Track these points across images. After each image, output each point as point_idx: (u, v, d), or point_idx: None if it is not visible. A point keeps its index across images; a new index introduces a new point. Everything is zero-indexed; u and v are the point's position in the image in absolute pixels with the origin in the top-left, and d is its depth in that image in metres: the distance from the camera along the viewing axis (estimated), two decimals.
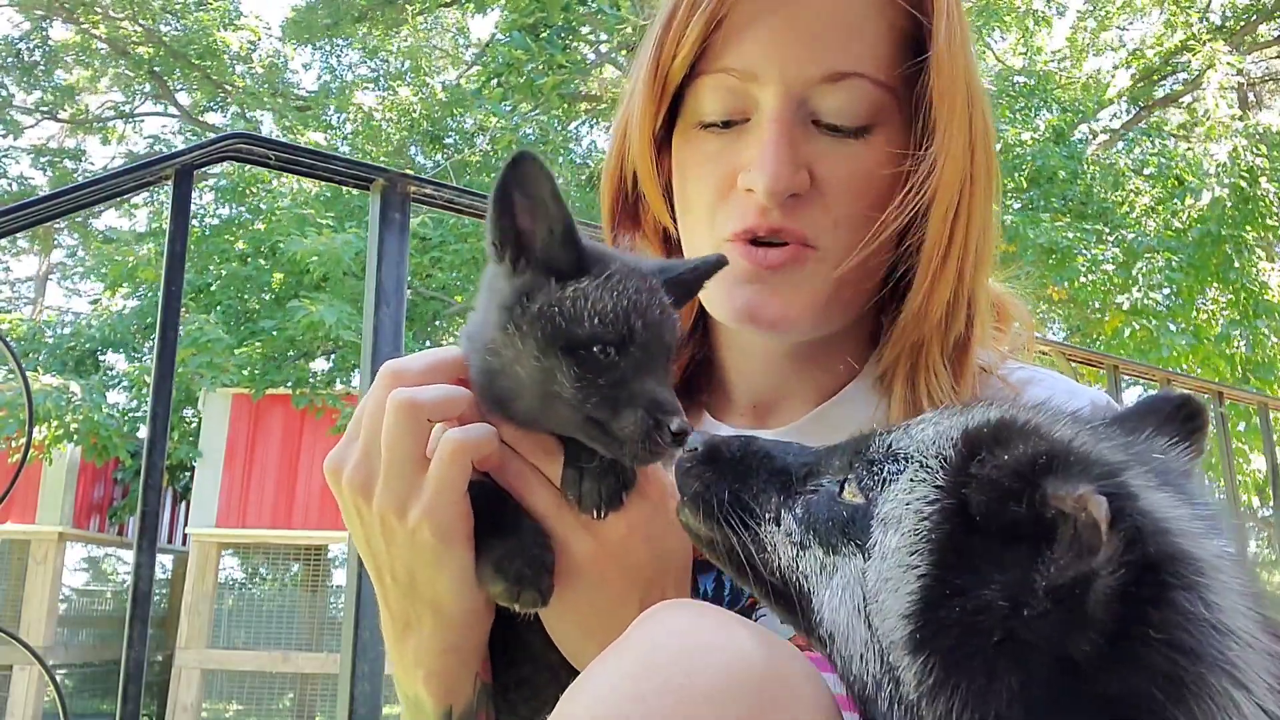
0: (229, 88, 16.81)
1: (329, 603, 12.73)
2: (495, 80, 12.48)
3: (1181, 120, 14.03)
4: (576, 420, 0.78)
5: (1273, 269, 11.45)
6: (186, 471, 12.29)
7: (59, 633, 12.18)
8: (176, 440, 12.15)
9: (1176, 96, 14.66)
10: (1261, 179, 10.82)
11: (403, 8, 15.89)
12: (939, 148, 0.92)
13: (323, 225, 11.35)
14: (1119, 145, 13.34)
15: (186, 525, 12.76)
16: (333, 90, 16.42)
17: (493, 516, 0.81)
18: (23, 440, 9.43)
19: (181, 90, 17.56)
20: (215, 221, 13.04)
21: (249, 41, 16.47)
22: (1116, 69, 14.52)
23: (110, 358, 13.96)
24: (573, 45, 12.97)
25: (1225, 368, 10.67)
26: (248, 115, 15.39)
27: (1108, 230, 11.67)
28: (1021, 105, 12.71)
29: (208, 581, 11.17)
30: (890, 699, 0.54)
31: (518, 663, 0.91)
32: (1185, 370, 10.97)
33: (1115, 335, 11.06)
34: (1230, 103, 11.77)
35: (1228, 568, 0.52)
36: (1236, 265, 10.74)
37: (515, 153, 0.78)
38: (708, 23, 0.88)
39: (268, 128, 15.38)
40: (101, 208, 16.05)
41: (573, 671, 0.81)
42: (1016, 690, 0.49)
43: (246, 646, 11.65)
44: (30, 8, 15.84)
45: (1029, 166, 11.69)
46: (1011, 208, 11.92)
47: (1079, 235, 11.17)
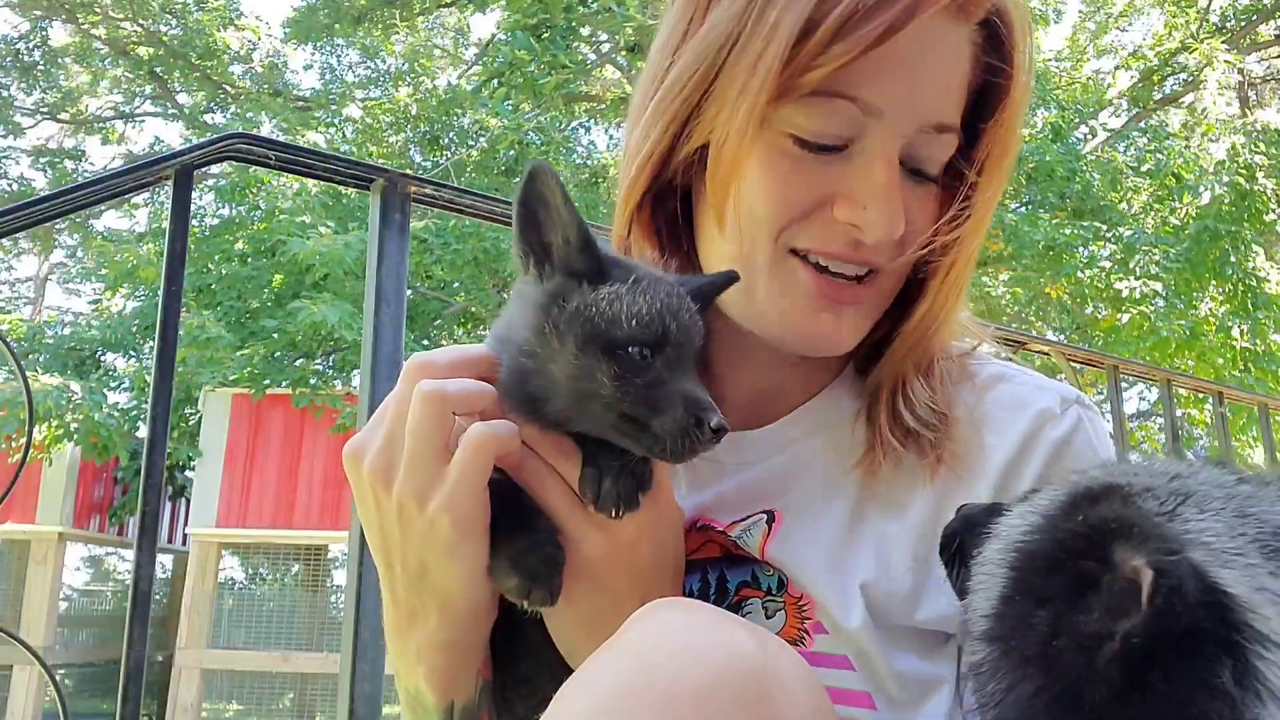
0: (229, 88, 16.81)
1: (329, 603, 12.73)
2: (496, 80, 12.47)
3: (1183, 121, 14.03)
4: (610, 419, 0.80)
5: (1272, 266, 11.46)
6: (187, 471, 12.29)
7: (59, 633, 12.17)
8: (176, 440, 12.15)
9: (1176, 97, 14.67)
10: (1259, 174, 10.83)
11: (403, 7, 15.90)
12: (990, 189, 0.95)
13: (323, 226, 11.36)
14: (1119, 145, 13.34)
15: (186, 525, 12.76)
16: (333, 91, 16.43)
17: (508, 513, 0.82)
18: (23, 440, 9.44)
19: (182, 91, 17.56)
20: (215, 221, 13.04)
21: (249, 41, 16.48)
22: (1117, 69, 14.52)
23: (110, 358, 13.96)
24: (574, 45, 12.97)
25: (1223, 361, 10.66)
26: (248, 115, 15.38)
27: (1105, 228, 11.68)
28: None
29: (208, 581, 11.17)
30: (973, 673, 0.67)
31: (517, 660, 0.92)
32: (1183, 367, 10.98)
33: (1112, 328, 11.08)
34: (1229, 101, 11.78)
35: None
36: (1233, 260, 10.75)
37: (529, 166, 0.80)
38: (864, 50, 0.84)
39: (268, 128, 15.36)
40: (102, 208, 16.05)
41: (571, 670, 0.82)
42: (1033, 695, 0.59)
43: (246, 646, 11.65)
44: (30, 8, 15.84)
45: (1028, 164, 11.70)
46: (1010, 206, 11.94)
47: (1076, 232, 11.19)
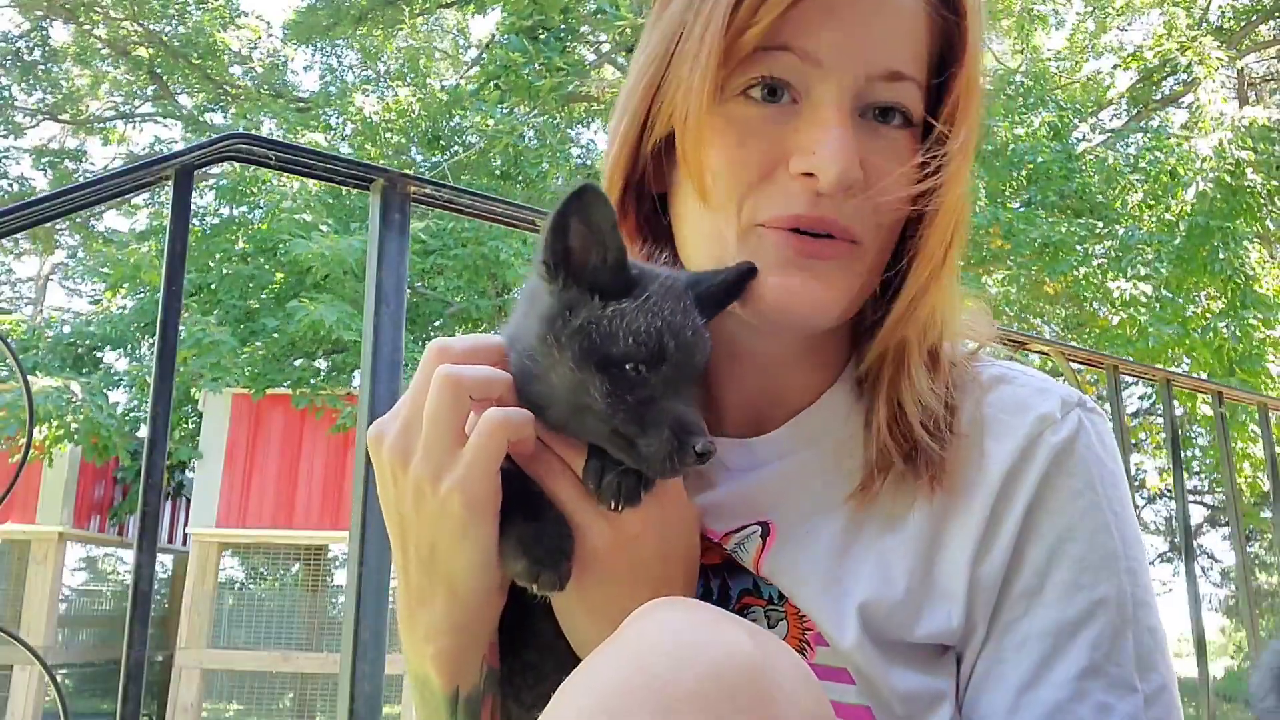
0: (229, 88, 16.81)
1: (329, 603, 12.73)
2: (493, 83, 12.47)
3: (1184, 120, 14.04)
4: (604, 431, 0.81)
5: (1268, 262, 11.46)
6: (187, 471, 12.29)
7: (59, 633, 12.17)
8: (177, 440, 12.15)
9: (1176, 97, 14.67)
10: (1248, 170, 10.81)
11: (403, 8, 15.89)
12: (959, 151, 0.92)
13: (323, 225, 11.36)
14: (1117, 144, 13.34)
15: (186, 525, 12.76)
16: (333, 91, 16.42)
17: (517, 501, 0.84)
18: (23, 440, 9.43)
19: (182, 92, 17.56)
20: (215, 221, 13.04)
21: (249, 41, 16.48)
22: (1116, 69, 14.53)
23: (110, 358, 13.96)
24: (571, 46, 12.96)
25: (1210, 358, 10.63)
26: (248, 116, 15.39)
27: (1102, 225, 11.68)
28: (1019, 105, 12.71)
29: (208, 581, 11.17)
30: None
31: (524, 648, 0.92)
32: (1176, 363, 10.98)
33: (1105, 330, 11.09)
34: (1225, 99, 11.78)
35: None
36: (1222, 257, 10.73)
37: (580, 183, 0.81)
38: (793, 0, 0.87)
39: (268, 128, 15.37)
40: (102, 208, 16.05)
41: (578, 661, 0.82)
42: None
43: (246, 646, 11.65)
44: (31, 8, 15.84)
45: (1026, 165, 11.70)
46: (1010, 205, 11.94)
47: (1073, 229, 11.20)
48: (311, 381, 11.45)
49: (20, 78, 16.88)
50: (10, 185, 16.60)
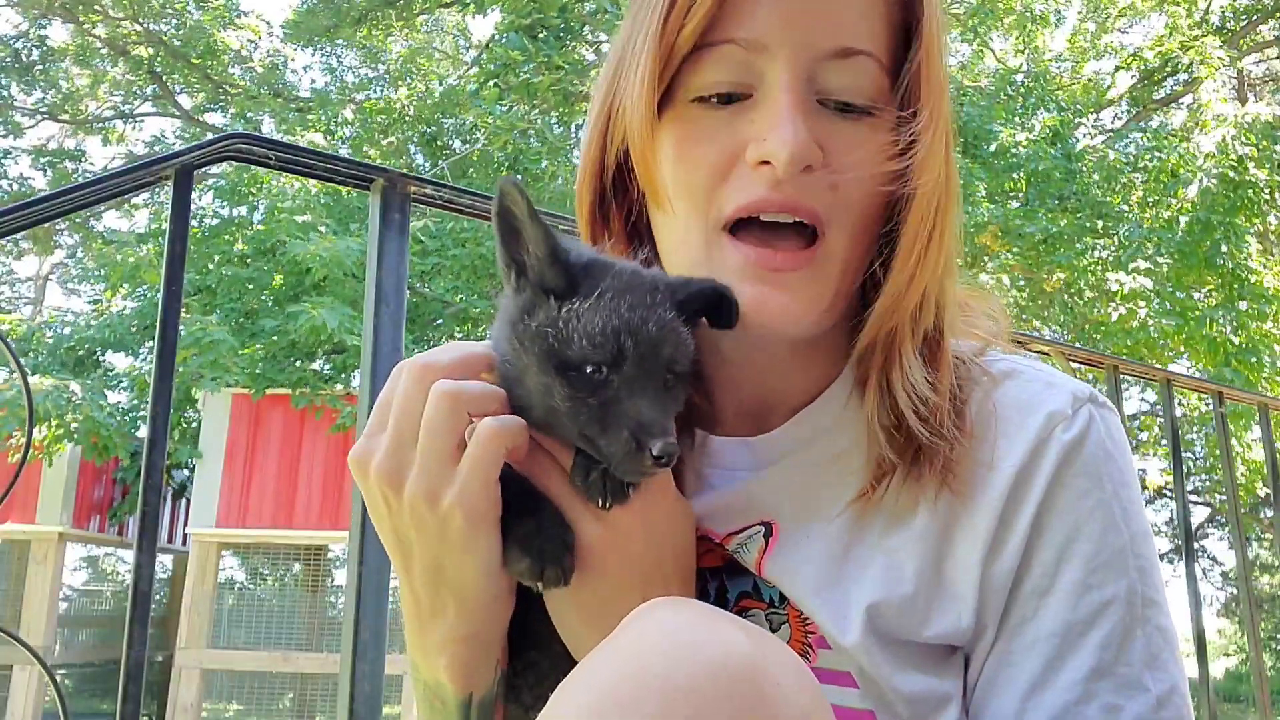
0: (229, 88, 16.81)
1: (329, 603, 12.74)
2: (492, 81, 12.47)
3: (1184, 121, 14.04)
4: (574, 433, 0.81)
5: (1268, 259, 11.46)
6: (186, 471, 12.28)
7: (59, 633, 12.18)
8: (176, 440, 12.15)
9: (1176, 97, 14.67)
10: (1250, 165, 10.80)
11: (403, 9, 15.89)
12: (927, 133, 0.91)
13: (322, 225, 11.35)
14: (1115, 144, 13.34)
15: (186, 525, 12.76)
16: (333, 92, 16.42)
17: (513, 500, 0.83)
18: (23, 440, 9.43)
19: (182, 92, 17.56)
20: (215, 222, 13.04)
21: (249, 41, 16.47)
22: (1117, 70, 14.52)
23: (110, 358, 13.96)
24: (570, 45, 12.95)
25: (1207, 351, 10.61)
26: (248, 116, 15.39)
27: (1102, 224, 11.67)
28: (1020, 106, 12.71)
29: (208, 581, 11.17)
30: None
31: (524, 649, 0.92)
32: (1175, 356, 10.98)
33: (1103, 323, 11.08)
34: (1225, 99, 11.78)
35: None
36: (1225, 250, 10.71)
37: (499, 183, 0.81)
38: None
39: (267, 128, 15.37)
40: (101, 208, 16.05)
41: (576, 661, 0.82)
42: None
43: (246, 646, 11.65)
44: (30, 8, 15.84)
45: (1025, 169, 11.70)
46: (1010, 206, 11.94)
47: (1071, 223, 11.19)
48: (311, 382, 11.45)
49: (20, 78, 16.87)
50: (10, 185, 16.59)
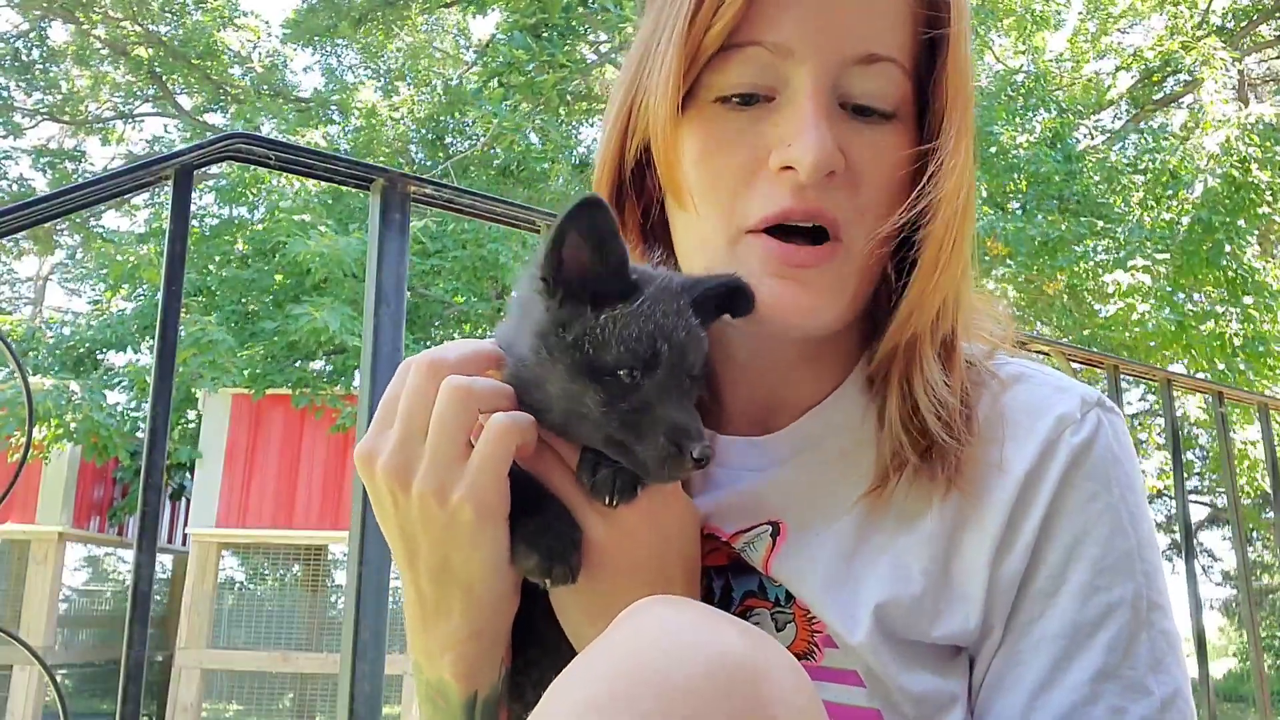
0: (229, 88, 16.81)
1: (329, 603, 12.74)
2: (496, 80, 12.47)
3: (1184, 121, 14.04)
4: (599, 438, 0.81)
5: (1267, 261, 11.45)
6: (186, 471, 12.29)
7: (59, 633, 12.18)
8: (176, 440, 12.16)
9: (1176, 97, 14.67)
10: (1253, 166, 10.80)
11: (403, 9, 15.89)
12: (952, 141, 0.91)
13: (322, 225, 11.35)
14: (1116, 145, 13.34)
15: (186, 525, 12.76)
16: (333, 92, 16.42)
17: (520, 497, 0.83)
18: (23, 440, 9.43)
19: (182, 92, 17.56)
20: (215, 222, 13.04)
21: (249, 41, 16.48)
22: (1118, 70, 14.52)
23: (110, 358, 13.95)
24: (572, 45, 12.96)
25: (1209, 352, 10.60)
26: (248, 116, 15.39)
27: (1102, 225, 11.68)
28: (1020, 106, 12.70)
29: (208, 581, 11.17)
30: None
31: (526, 647, 0.92)
32: (1175, 359, 10.99)
33: (1103, 328, 11.08)
34: (1226, 100, 11.78)
35: None
36: (1228, 250, 10.71)
37: (582, 196, 0.79)
38: None
39: (267, 128, 15.36)
40: (102, 208, 16.04)
41: None
42: None
43: (246, 646, 11.66)
44: (30, 8, 15.84)
45: (1025, 171, 11.70)
46: (1010, 208, 11.94)
47: (1071, 228, 11.20)
48: (311, 382, 11.45)
49: (20, 78, 16.87)
50: (10, 185, 16.59)
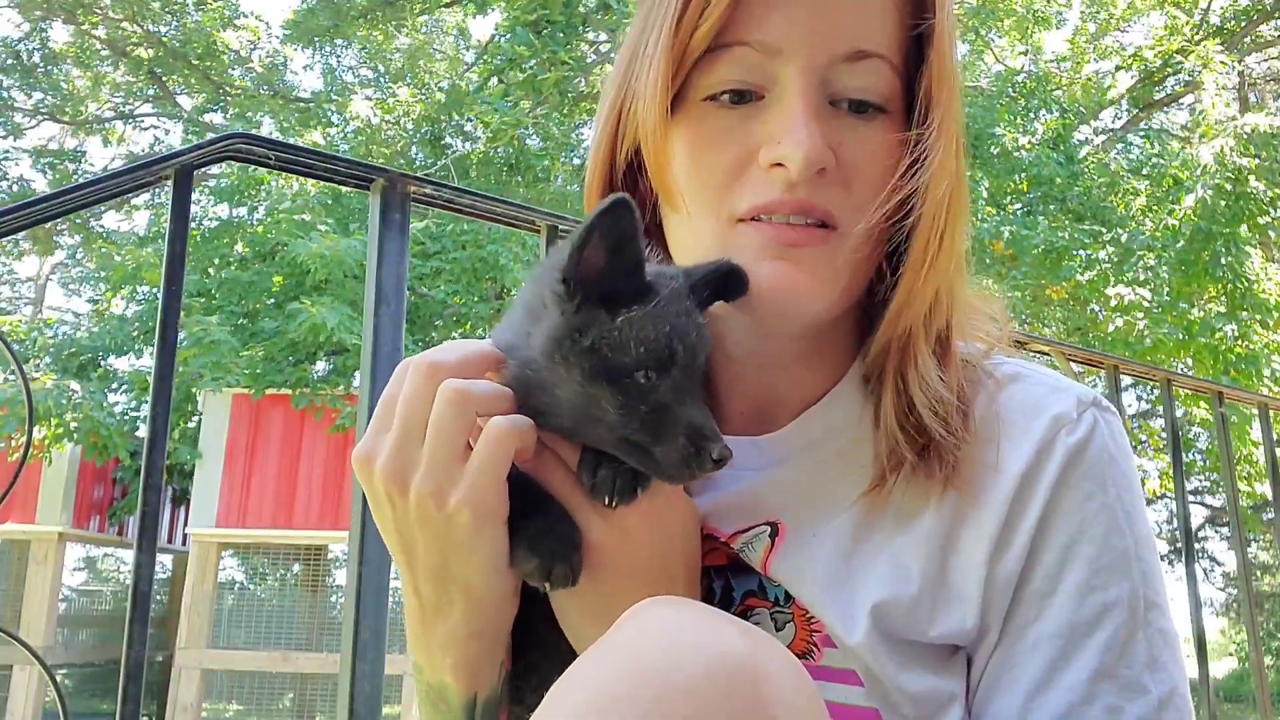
0: (229, 88, 16.81)
1: (329, 603, 12.74)
2: (496, 78, 12.47)
3: (1184, 122, 14.04)
4: (612, 440, 0.81)
5: (1266, 269, 11.45)
6: (186, 471, 12.29)
7: (59, 633, 12.18)
8: (177, 440, 12.15)
9: (1177, 97, 14.67)
10: (1250, 178, 10.80)
11: (403, 9, 15.89)
12: (938, 133, 0.91)
13: (322, 225, 11.36)
14: (1117, 147, 13.34)
15: (186, 525, 12.76)
16: (333, 92, 16.42)
17: (519, 500, 0.83)
18: (23, 440, 9.43)
19: (182, 92, 17.56)
20: (215, 223, 13.04)
21: (249, 42, 16.49)
22: (1118, 70, 14.52)
23: (110, 359, 13.96)
24: (574, 42, 12.96)
25: (1211, 360, 10.62)
26: (248, 116, 15.39)
27: (1104, 230, 11.68)
28: (1021, 106, 12.70)
29: (208, 581, 11.17)
30: None
31: (526, 650, 0.92)
32: (1177, 367, 10.99)
33: (1104, 336, 11.09)
34: (1227, 103, 11.78)
35: None
36: (1224, 261, 10.72)
37: (611, 198, 0.78)
38: None
39: (267, 128, 15.37)
40: (102, 208, 16.05)
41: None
42: None
43: (246, 646, 11.65)
44: (30, 9, 15.84)
45: (1027, 173, 11.71)
46: (1012, 210, 11.94)
47: (1074, 235, 11.20)
48: (311, 382, 11.45)
49: (20, 79, 16.87)
50: (10, 186, 16.59)
